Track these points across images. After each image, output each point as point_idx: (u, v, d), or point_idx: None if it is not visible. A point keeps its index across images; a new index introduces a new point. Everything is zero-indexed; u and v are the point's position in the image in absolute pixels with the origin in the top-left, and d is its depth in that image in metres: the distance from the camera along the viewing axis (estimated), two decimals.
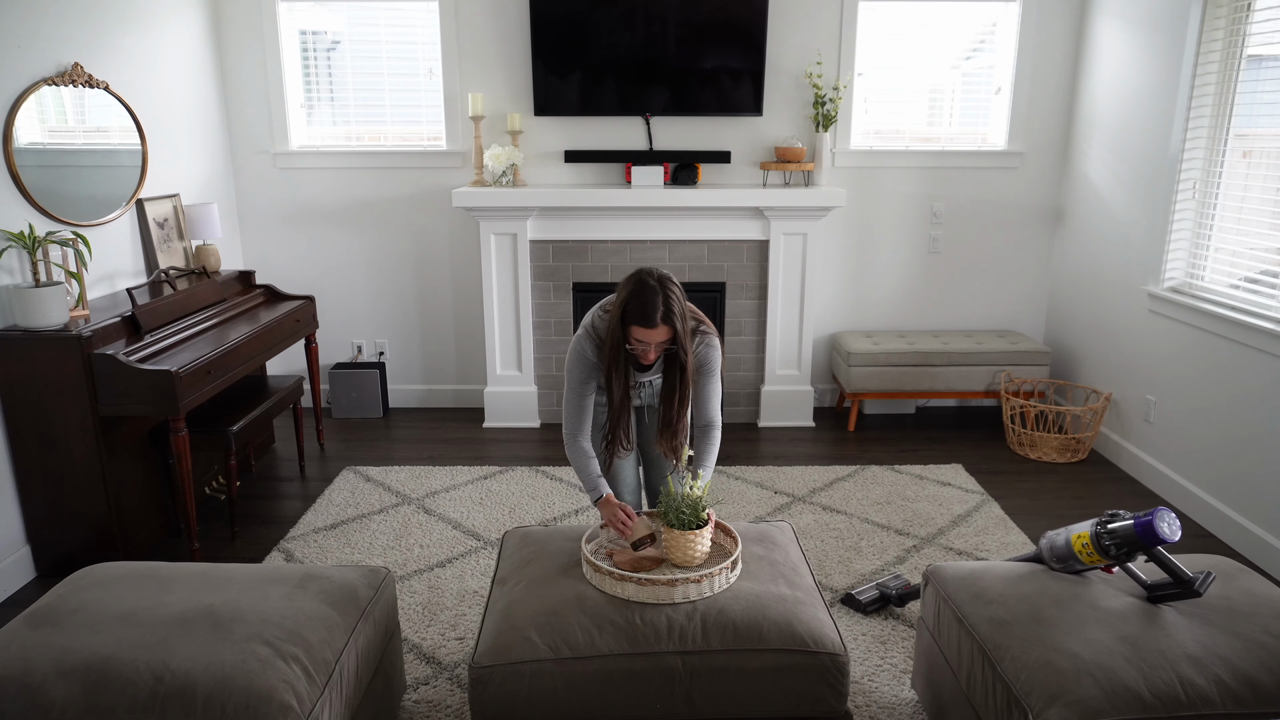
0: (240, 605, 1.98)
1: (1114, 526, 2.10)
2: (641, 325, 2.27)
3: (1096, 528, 2.12)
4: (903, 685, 2.51)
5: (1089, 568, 2.17)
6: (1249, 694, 1.75)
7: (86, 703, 1.71)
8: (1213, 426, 3.49)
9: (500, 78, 4.49)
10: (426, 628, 2.79)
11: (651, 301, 2.26)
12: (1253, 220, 3.38)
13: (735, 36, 4.31)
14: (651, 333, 2.29)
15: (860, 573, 3.11)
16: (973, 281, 4.84)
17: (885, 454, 4.27)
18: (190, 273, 3.78)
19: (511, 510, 3.63)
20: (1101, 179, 4.28)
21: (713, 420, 2.54)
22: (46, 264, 3.03)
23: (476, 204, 4.27)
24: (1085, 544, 2.15)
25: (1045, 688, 1.77)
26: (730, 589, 2.13)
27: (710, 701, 2.00)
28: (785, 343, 4.58)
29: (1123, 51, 4.08)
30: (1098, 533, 2.12)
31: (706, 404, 2.53)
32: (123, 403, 2.97)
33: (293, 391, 3.85)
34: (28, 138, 3.10)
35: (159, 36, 3.92)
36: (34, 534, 3.12)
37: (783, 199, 4.30)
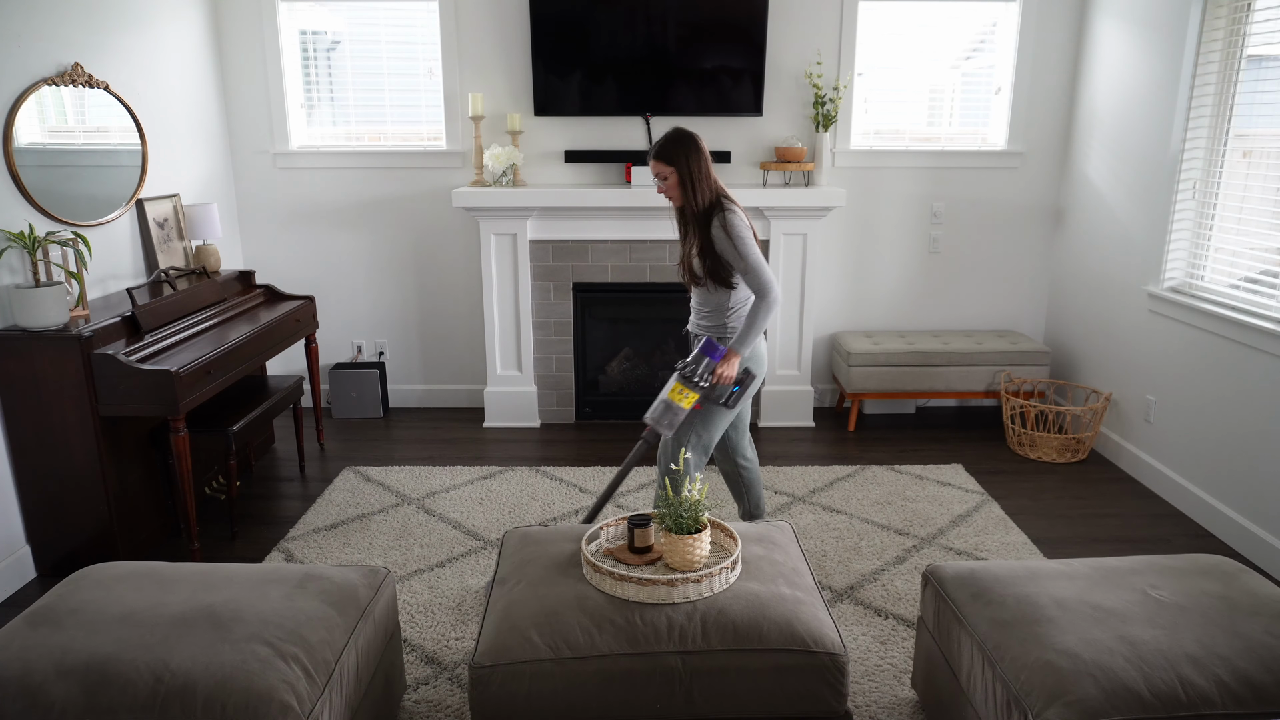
0: (240, 605, 1.98)
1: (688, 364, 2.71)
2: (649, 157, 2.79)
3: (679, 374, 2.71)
4: (903, 685, 2.51)
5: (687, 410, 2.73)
6: (1249, 694, 1.75)
7: (86, 703, 1.71)
8: (1213, 426, 3.49)
9: (500, 78, 4.49)
10: (426, 628, 2.79)
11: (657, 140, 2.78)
12: (1253, 220, 3.38)
13: (735, 36, 4.31)
14: (653, 165, 2.77)
15: (860, 573, 3.12)
16: (973, 281, 4.84)
17: (885, 454, 4.27)
18: (190, 273, 3.78)
19: (511, 510, 3.63)
20: (1101, 179, 4.28)
21: (757, 289, 2.73)
22: (46, 264, 3.03)
23: (476, 204, 4.27)
24: (679, 391, 2.70)
25: (1045, 688, 1.77)
26: (730, 589, 2.13)
27: (710, 701, 2.00)
28: (785, 343, 4.58)
29: (1123, 51, 4.08)
30: (682, 375, 2.70)
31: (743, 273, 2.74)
32: (123, 403, 2.97)
33: (293, 391, 3.85)
34: (28, 138, 3.10)
35: (159, 36, 3.92)
36: (34, 534, 3.12)
37: (783, 199, 4.30)
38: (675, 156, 2.74)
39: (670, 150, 2.74)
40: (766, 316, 2.73)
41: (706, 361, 2.70)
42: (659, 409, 2.74)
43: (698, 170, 2.74)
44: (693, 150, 2.74)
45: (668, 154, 2.74)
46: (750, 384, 2.84)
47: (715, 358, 2.71)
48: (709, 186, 2.77)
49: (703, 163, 2.76)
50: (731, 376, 2.76)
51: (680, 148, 2.74)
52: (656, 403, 2.76)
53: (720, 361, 2.72)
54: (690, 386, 2.69)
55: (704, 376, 2.69)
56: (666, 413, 2.73)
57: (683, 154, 2.74)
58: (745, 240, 2.72)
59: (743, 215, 2.78)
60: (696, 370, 2.69)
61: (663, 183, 2.78)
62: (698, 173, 2.74)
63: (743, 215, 2.78)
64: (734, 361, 2.75)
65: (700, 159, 2.75)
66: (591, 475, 3.97)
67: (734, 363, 2.75)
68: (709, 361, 2.70)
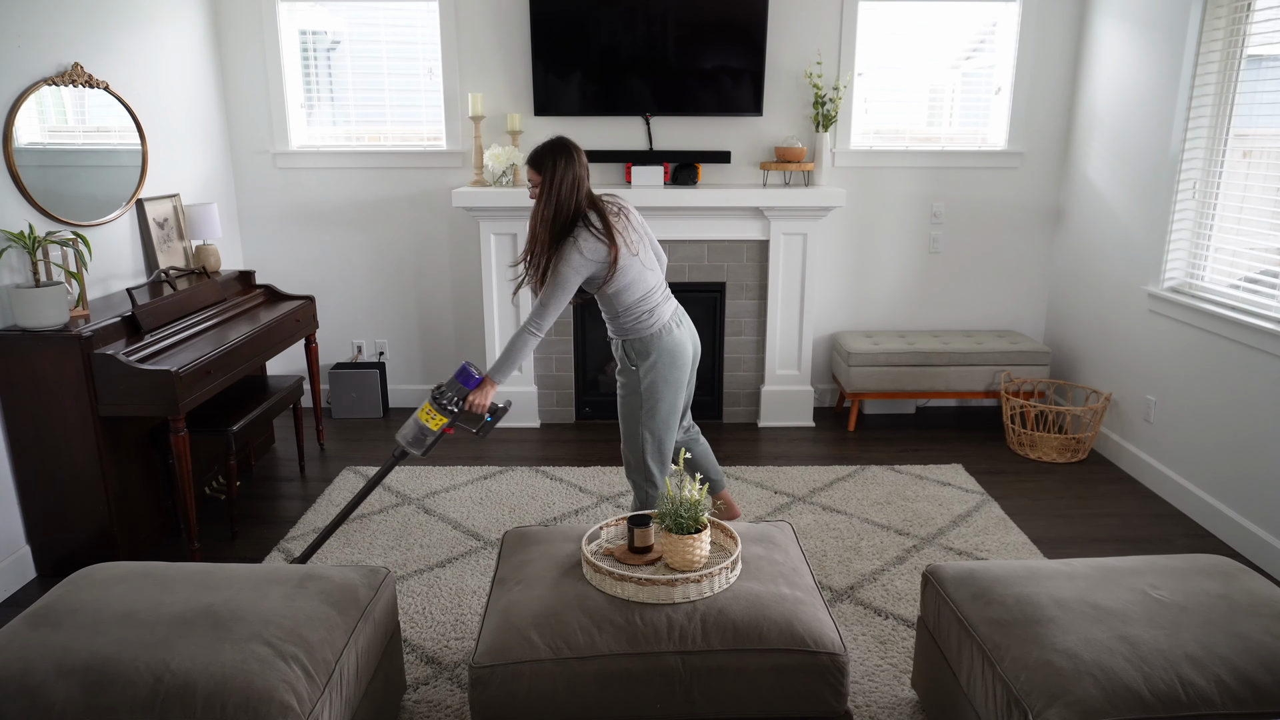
0: (240, 605, 1.98)
1: (442, 386, 2.66)
2: None
3: (432, 394, 2.66)
4: (903, 685, 2.51)
5: (438, 434, 2.67)
6: (1249, 694, 1.75)
7: (86, 703, 1.71)
8: (1213, 426, 3.49)
9: (500, 78, 4.50)
10: (426, 628, 2.79)
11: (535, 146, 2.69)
12: (1253, 220, 3.38)
13: (735, 36, 4.31)
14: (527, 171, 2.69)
15: (860, 573, 3.12)
16: (973, 281, 4.84)
17: (885, 454, 4.27)
18: (190, 273, 3.78)
19: (511, 510, 3.63)
20: (1101, 179, 4.28)
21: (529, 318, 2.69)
22: (46, 264, 3.03)
23: (476, 204, 4.27)
24: (428, 412, 2.65)
25: (1045, 688, 1.77)
26: (730, 589, 2.13)
27: (710, 701, 2.00)
28: (785, 343, 4.58)
29: (1123, 51, 4.08)
30: (434, 396, 2.65)
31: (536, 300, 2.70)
32: (123, 403, 2.97)
33: (293, 391, 3.85)
34: (28, 138, 3.10)
35: (159, 36, 3.92)
36: (34, 534, 3.12)
37: (783, 199, 4.30)
38: (544, 164, 2.63)
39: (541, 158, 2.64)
40: (523, 350, 2.67)
41: (458, 386, 2.66)
42: (409, 428, 2.69)
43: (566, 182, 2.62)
44: (566, 159, 2.62)
45: (539, 161, 2.64)
46: (501, 415, 2.79)
47: (469, 385, 2.67)
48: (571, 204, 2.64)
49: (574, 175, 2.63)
50: (484, 405, 2.71)
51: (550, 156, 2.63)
52: (408, 421, 2.71)
53: (474, 389, 2.68)
54: (439, 409, 2.65)
55: (455, 401, 2.66)
56: (414, 431, 2.68)
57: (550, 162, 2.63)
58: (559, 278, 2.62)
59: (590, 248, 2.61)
60: (446, 394, 2.65)
61: (533, 189, 2.67)
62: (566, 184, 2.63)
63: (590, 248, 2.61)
64: (488, 391, 2.71)
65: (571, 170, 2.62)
66: (591, 475, 3.97)
67: (488, 392, 2.71)
68: (461, 387, 2.66)
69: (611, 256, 2.63)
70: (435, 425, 2.65)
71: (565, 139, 2.68)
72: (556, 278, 2.62)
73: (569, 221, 2.64)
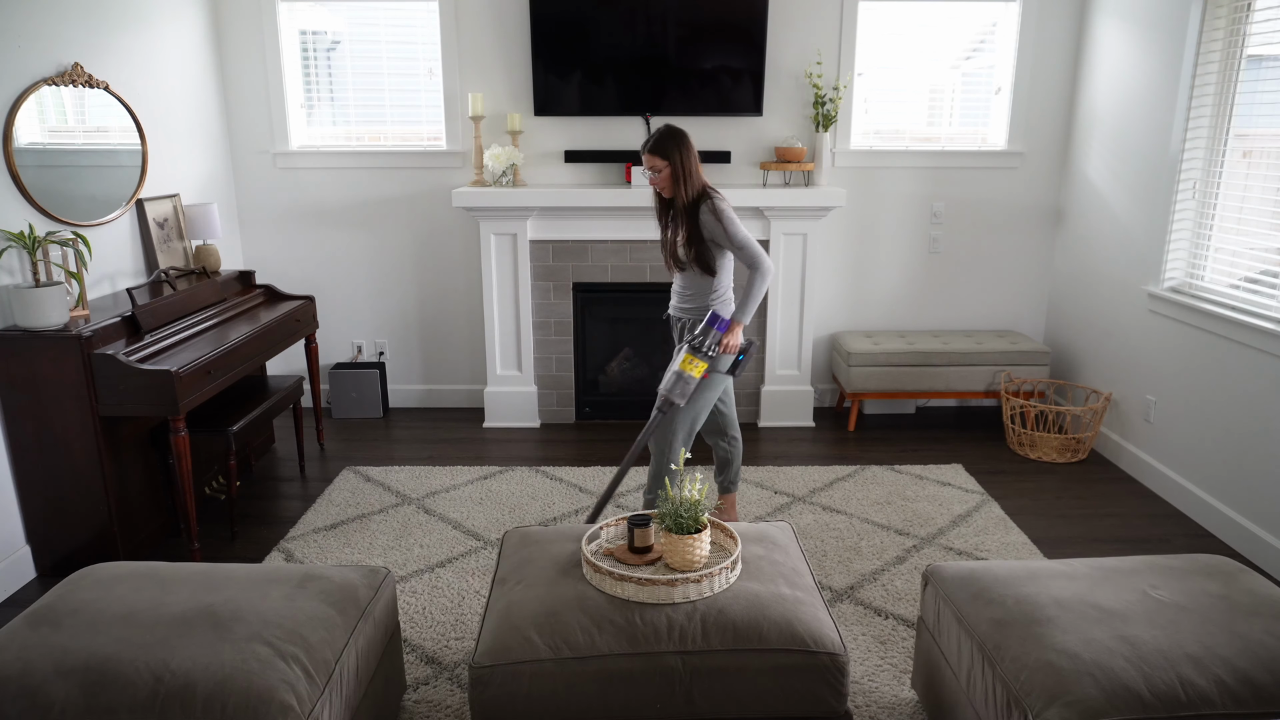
0: (240, 605, 1.98)
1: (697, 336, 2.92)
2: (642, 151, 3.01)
3: (689, 345, 2.92)
4: (903, 685, 2.51)
5: (698, 379, 2.93)
6: (1249, 694, 1.75)
7: (86, 703, 1.71)
8: (1213, 426, 3.49)
9: (500, 78, 4.50)
10: (426, 628, 2.79)
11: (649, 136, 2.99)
12: (1253, 220, 3.38)
13: (735, 36, 4.31)
14: (646, 158, 2.98)
15: (860, 573, 3.12)
16: (973, 281, 4.84)
17: (885, 454, 4.27)
18: (190, 273, 3.78)
19: (511, 510, 3.63)
20: (1101, 179, 4.28)
21: (750, 262, 2.95)
22: (46, 264, 3.03)
23: (476, 204, 4.27)
24: (690, 361, 2.91)
25: (1045, 688, 1.77)
26: (730, 589, 2.13)
27: (710, 701, 2.00)
28: (785, 343, 4.58)
29: (1123, 51, 4.08)
30: (692, 347, 2.91)
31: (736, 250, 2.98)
32: (123, 403, 2.97)
33: (293, 391, 3.85)
34: (28, 138, 3.10)
35: (159, 36, 3.92)
36: (34, 534, 3.12)
37: (783, 199, 4.30)
38: (669, 151, 2.96)
39: (664, 145, 2.96)
40: (763, 286, 2.95)
41: (713, 333, 2.93)
42: (671, 380, 2.94)
43: (689, 164, 2.97)
44: (684, 145, 2.97)
45: (662, 148, 2.96)
46: (752, 353, 3.05)
47: (721, 329, 2.94)
48: (697, 180, 3.00)
49: (692, 157, 2.99)
50: (736, 345, 2.99)
51: (673, 143, 2.96)
52: (668, 374, 2.96)
53: (726, 332, 2.95)
54: (700, 356, 2.92)
55: (711, 346, 2.92)
56: (679, 383, 2.93)
57: (675, 148, 2.96)
58: (734, 221, 2.96)
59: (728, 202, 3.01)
60: (704, 341, 2.92)
61: (655, 175, 2.99)
62: (689, 166, 2.97)
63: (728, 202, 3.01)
64: (738, 331, 2.99)
65: (690, 154, 2.98)
66: (591, 475, 3.97)
67: (738, 332, 2.99)
68: (715, 333, 2.93)
69: None
70: (698, 372, 2.93)
71: (676, 127, 3.00)
72: (727, 221, 2.96)
73: (700, 194, 3.00)
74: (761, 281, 2.94)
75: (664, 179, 2.99)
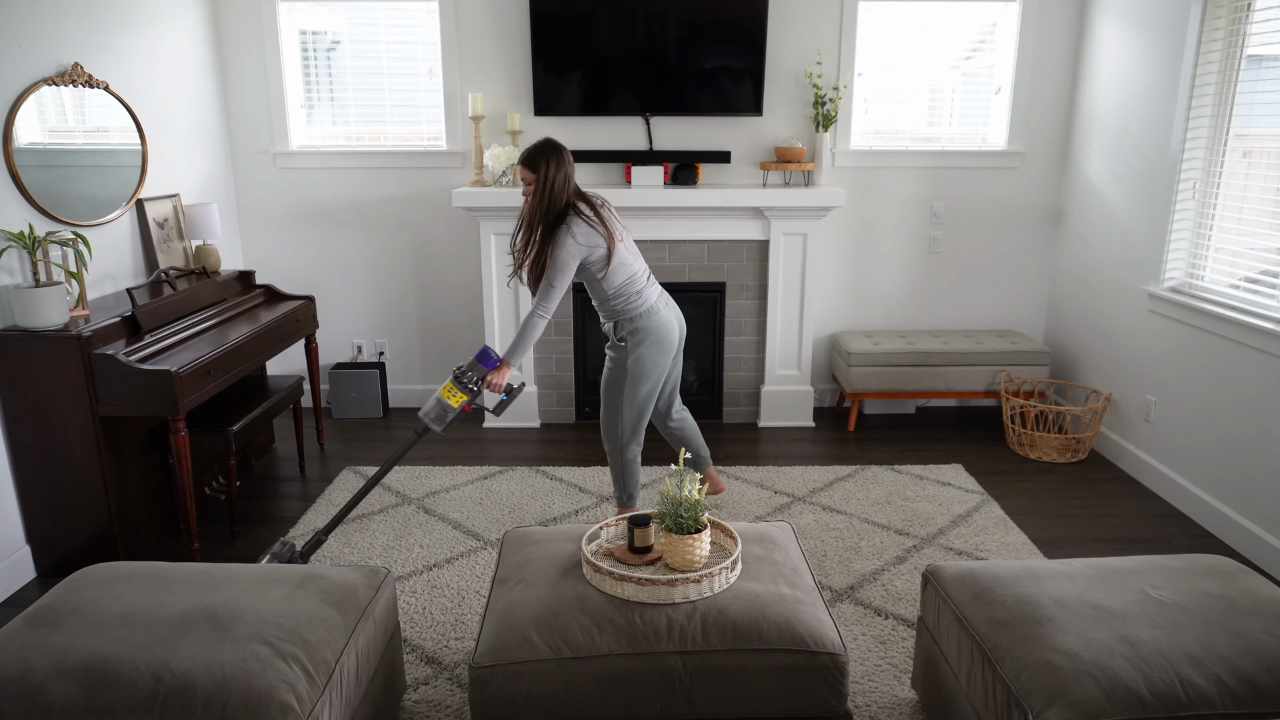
0: (240, 605, 1.98)
1: (463, 367, 2.87)
2: None
3: (454, 374, 2.87)
4: (903, 685, 2.51)
5: (459, 411, 2.88)
6: (1249, 694, 1.75)
7: (86, 703, 1.71)
8: (1213, 426, 3.49)
9: (500, 78, 4.50)
10: (426, 628, 2.79)
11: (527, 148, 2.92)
12: (1253, 220, 3.38)
13: (735, 36, 4.31)
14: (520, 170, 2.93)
15: (860, 573, 3.12)
16: (973, 281, 4.84)
17: (885, 454, 4.27)
18: (190, 273, 3.78)
19: (511, 510, 3.63)
20: (1101, 179, 4.28)
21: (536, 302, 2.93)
22: (46, 264, 3.03)
23: (476, 204, 4.27)
24: (450, 390, 2.87)
25: (1045, 688, 1.77)
26: (730, 589, 2.13)
27: (710, 701, 2.00)
28: (785, 343, 4.58)
29: (1123, 51, 4.08)
30: (455, 376, 2.86)
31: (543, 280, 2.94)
32: (123, 403, 2.97)
33: (293, 391, 3.85)
34: (28, 138, 3.10)
35: (159, 36, 3.92)
36: (34, 534, 3.12)
37: (783, 199, 4.30)
38: (538, 164, 2.89)
39: (535, 158, 2.89)
40: (532, 330, 2.93)
41: (478, 367, 2.91)
42: (431, 406, 2.91)
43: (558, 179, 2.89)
44: (557, 159, 2.89)
45: (533, 161, 2.89)
46: (516, 394, 3.02)
47: (488, 365, 2.91)
48: (562, 197, 2.91)
49: (564, 173, 2.90)
50: (500, 385, 2.95)
51: (545, 155, 2.89)
52: (431, 400, 2.92)
53: (492, 370, 2.93)
54: (460, 388, 2.89)
55: (475, 381, 2.90)
56: (436, 409, 2.90)
57: (545, 161, 2.88)
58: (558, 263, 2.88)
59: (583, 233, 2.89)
60: (466, 374, 2.89)
61: (527, 187, 2.93)
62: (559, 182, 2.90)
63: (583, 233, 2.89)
64: (505, 372, 2.95)
65: (562, 170, 2.90)
66: (591, 475, 3.97)
67: (505, 373, 2.95)
68: (480, 367, 2.91)
69: (606, 240, 2.93)
70: (456, 403, 2.89)
71: (554, 140, 2.94)
72: (555, 262, 2.88)
73: (561, 213, 2.91)
74: (533, 327, 2.92)
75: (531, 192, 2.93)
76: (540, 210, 2.90)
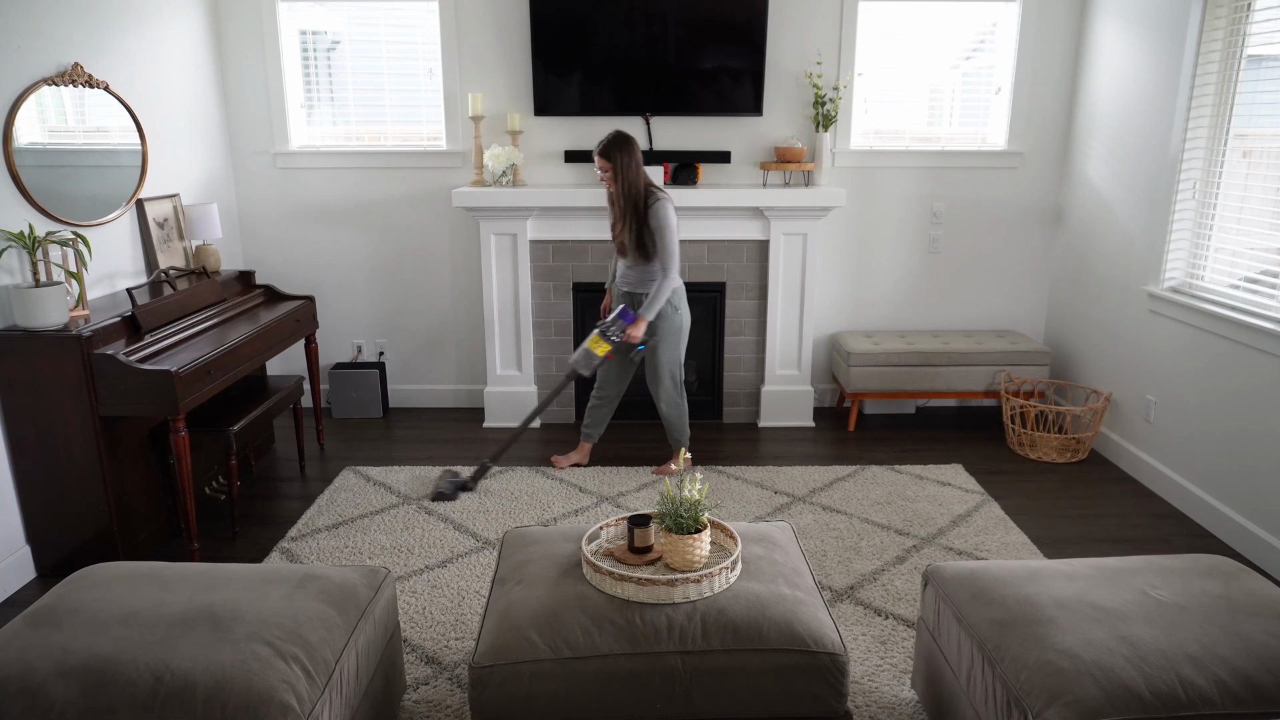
0: (240, 605, 1.98)
1: (607, 322, 3.59)
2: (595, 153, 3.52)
3: (599, 329, 3.59)
4: (903, 685, 2.51)
5: (603, 359, 3.62)
6: (1249, 694, 1.75)
7: (86, 703, 1.71)
8: (1213, 426, 3.49)
9: (500, 78, 4.50)
10: (426, 628, 2.79)
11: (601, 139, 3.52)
12: (1253, 220, 3.38)
13: (735, 36, 4.31)
14: (597, 161, 3.51)
15: (860, 573, 3.12)
16: (973, 281, 4.84)
17: (885, 454, 4.27)
18: (190, 273, 3.78)
19: (511, 510, 3.63)
20: (1101, 179, 4.28)
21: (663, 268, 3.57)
22: (46, 264, 3.03)
23: (476, 204, 4.27)
24: (596, 341, 3.58)
25: (1045, 688, 1.77)
26: (730, 589, 2.13)
27: (710, 701, 2.00)
28: (785, 343, 4.58)
29: (1123, 51, 4.08)
30: (601, 331, 3.58)
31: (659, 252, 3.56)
32: (123, 403, 2.97)
33: (293, 391, 3.86)
34: (28, 138, 3.10)
35: (159, 36, 3.92)
36: (34, 534, 3.12)
37: (783, 199, 4.30)
38: (613, 154, 3.47)
39: (609, 149, 3.47)
40: (666, 291, 3.57)
41: (620, 323, 3.57)
42: (579, 354, 3.62)
43: (631, 165, 3.48)
44: (627, 149, 3.48)
45: (608, 152, 3.47)
46: (653, 343, 3.71)
47: (628, 320, 3.57)
48: (640, 179, 3.51)
49: (635, 159, 3.49)
50: (638, 337, 3.59)
51: (617, 148, 3.47)
52: (578, 351, 3.62)
53: (631, 324, 3.57)
54: (605, 339, 3.56)
55: (615, 333, 3.56)
56: (584, 357, 3.61)
57: (618, 152, 3.46)
58: (667, 227, 3.50)
59: (671, 205, 3.54)
60: (610, 328, 3.57)
61: (604, 174, 3.50)
62: (632, 167, 3.48)
63: (671, 205, 3.54)
64: (641, 325, 3.59)
65: (633, 157, 3.49)
66: (591, 475, 3.97)
67: (641, 326, 3.59)
68: (621, 323, 3.57)
69: None
70: (601, 351, 3.59)
71: (624, 132, 3.51)
72: (665, 228, 3.51)
73: (644, 192, 3.52)
74: (667, 286, 3.55)
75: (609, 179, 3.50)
76: (623, 191, 3.51)
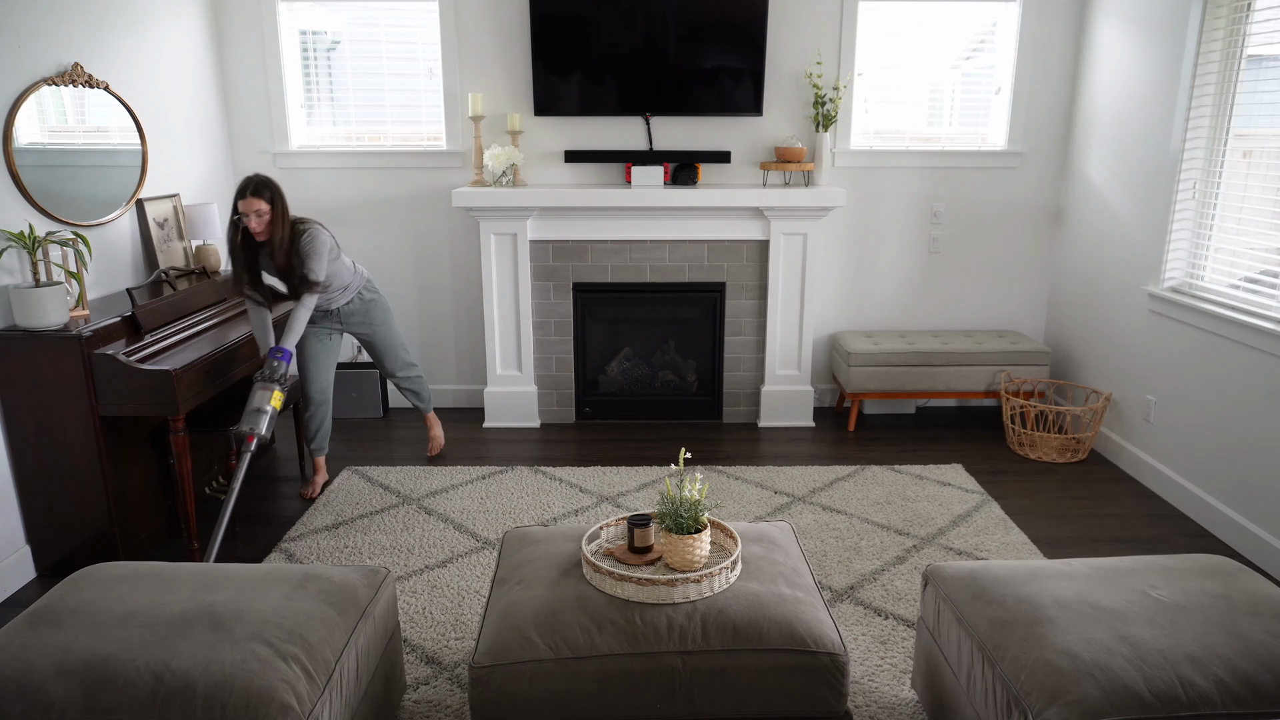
0: (240, 605, 1.98)
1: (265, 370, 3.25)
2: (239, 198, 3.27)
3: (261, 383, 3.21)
4: (903, 685, 2.51)
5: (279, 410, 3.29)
6: (1249, 694, 1.75)
7: (86, 703, 1.71)
8: (1213, 426, 3.49)
9: (500, 78, 4.50)
10: (426, 628, 2.79)
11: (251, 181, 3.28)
12: (1253, 220, 3.38)
13: (735, 36, 4.31)
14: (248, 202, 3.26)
15: (860, 573, 3.12)
16: (973, 281, 4.84)
17: (885, 454, 4.27)
18: (190, 273, 3.78)
19: (511, 510, 3.63)
20: (1101, 179, 4.28)
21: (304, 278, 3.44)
22: (46, 264, 3.03)
23: (476, 204, 4.27)
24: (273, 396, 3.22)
25: (1045, 688, 1.77)
26: (730, 589, 2.13)
27: (710, 701, 2.00)
28: (785, 343, 4.58)
29: (1123, 51, 4.08)
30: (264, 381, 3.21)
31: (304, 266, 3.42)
32: (123, 403, 2.97)
33: (293, 392, 3.85)
34: (28, 138, 3.10)
35: (159, 36, 3.92)
36: (34, 534, 3.12)
37: (783, 199, 4.30)
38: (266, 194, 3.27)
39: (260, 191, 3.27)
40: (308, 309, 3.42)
41: (279, 365, 3.27)
42: (262, 420, 3.16)
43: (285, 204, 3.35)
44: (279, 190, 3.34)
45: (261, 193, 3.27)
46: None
47: (285, 358, 3.30)
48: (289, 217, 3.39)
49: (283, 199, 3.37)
50: None
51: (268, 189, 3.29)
52: (252, 415, 3.15)
53: (289, 360, 3.35)
54: (279, 388, 3.27)
55: (282, 374, 3.28)
56: (269, 419, 3.19)
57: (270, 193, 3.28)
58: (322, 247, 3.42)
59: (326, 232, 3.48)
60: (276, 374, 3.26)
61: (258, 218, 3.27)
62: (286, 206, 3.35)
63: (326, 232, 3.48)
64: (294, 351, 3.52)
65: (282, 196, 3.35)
66: (591, 475, 3.97)
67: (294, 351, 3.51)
68: (282, 364, 3.28)
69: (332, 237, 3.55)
70: (279, 403, 3.25)
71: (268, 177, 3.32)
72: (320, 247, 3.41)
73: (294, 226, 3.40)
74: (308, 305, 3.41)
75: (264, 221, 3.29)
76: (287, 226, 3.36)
